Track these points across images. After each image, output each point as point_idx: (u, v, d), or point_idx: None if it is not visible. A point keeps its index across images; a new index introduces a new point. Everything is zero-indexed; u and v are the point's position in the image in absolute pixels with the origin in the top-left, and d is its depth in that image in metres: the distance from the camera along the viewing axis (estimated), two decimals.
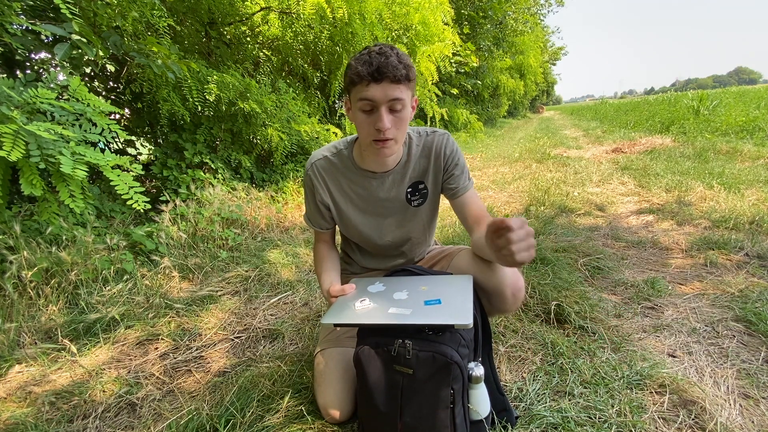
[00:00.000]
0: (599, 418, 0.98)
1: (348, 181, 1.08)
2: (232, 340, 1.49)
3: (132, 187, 1.46)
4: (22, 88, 1.43)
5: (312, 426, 0.99)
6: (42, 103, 1.39)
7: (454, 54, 6.80)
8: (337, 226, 1.19)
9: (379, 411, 0.87)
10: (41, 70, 2.21)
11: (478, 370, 0.85)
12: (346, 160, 1.07)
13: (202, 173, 2.79)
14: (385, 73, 0.84)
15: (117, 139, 2.81)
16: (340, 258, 1.29)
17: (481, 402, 0.88)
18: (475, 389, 0.87)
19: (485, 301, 0.99)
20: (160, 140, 3.10)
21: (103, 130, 1.54)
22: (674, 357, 1.24)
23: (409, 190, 1.09)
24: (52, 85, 1.54)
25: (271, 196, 3.18)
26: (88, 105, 1.53)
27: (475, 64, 8.90)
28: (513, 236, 0.70)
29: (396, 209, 1.11)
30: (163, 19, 2.43)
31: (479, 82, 11.52)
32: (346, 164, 1.07)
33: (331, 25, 3.80)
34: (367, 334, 0.90)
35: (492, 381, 0.96)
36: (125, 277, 1.81)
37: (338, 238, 1.31)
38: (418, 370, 0.82)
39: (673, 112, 8.76)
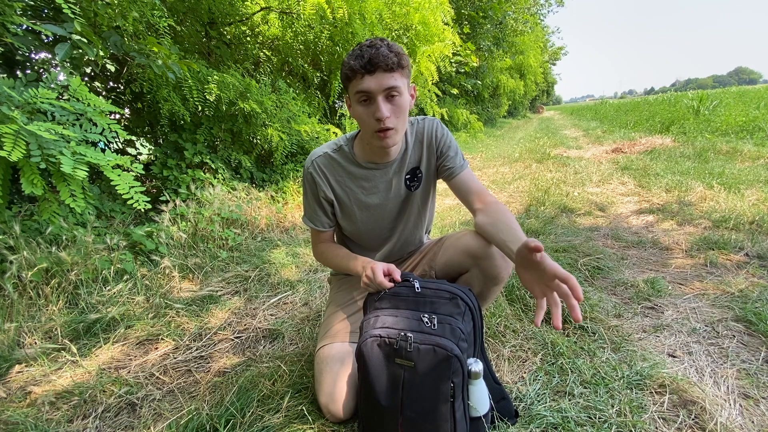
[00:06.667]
0: (599, 418, 0.98)
1: (349, 176, 1.09)
2: (232, 340, 1.49)
3: (132, 187, 1.45)
4: (22, 88, 1.43)
5: (312, 426, 0.99)
6: (42, 103, 1.39)
7: (454, 54, 6.80)
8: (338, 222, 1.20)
9: (380, 405, 0.87)
10: (42, 70, 2.21)
11: (476, 365, 0.85)
12: (348, 155, 1.08)
13: (202, 173, 2.79)
14: (377, 64, 0.87)
15: (117, 139, 2.81)
16: None
17: (480, 398, 0.88)
18: (474, 385, 0.87)
19: (478, 271, 1.01)
20: (160, 140, 3.10)
21: (103, 129, 1.54)
22: (674, 357, 1.24)
23: (408, 176, 1.11)
24: (52, 85, 1.53)
25: (271, 196, 3.18)
26: (89, 105, 1.53)
27: (475, 64, 8.91)
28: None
29: (397, 198, 1.13)
30: (164, 19, 2.43)
31: (479, 82, 11.53)
32: (348, 159, 1.08)
33: (331, 25, 3.80)
34: (370, 327, 0.90)
35: (487, 371, 0.96)
36: (125, 277, 1.81)
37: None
38: (419, 363, 0.83)
39: (673, 112, 8.75)
